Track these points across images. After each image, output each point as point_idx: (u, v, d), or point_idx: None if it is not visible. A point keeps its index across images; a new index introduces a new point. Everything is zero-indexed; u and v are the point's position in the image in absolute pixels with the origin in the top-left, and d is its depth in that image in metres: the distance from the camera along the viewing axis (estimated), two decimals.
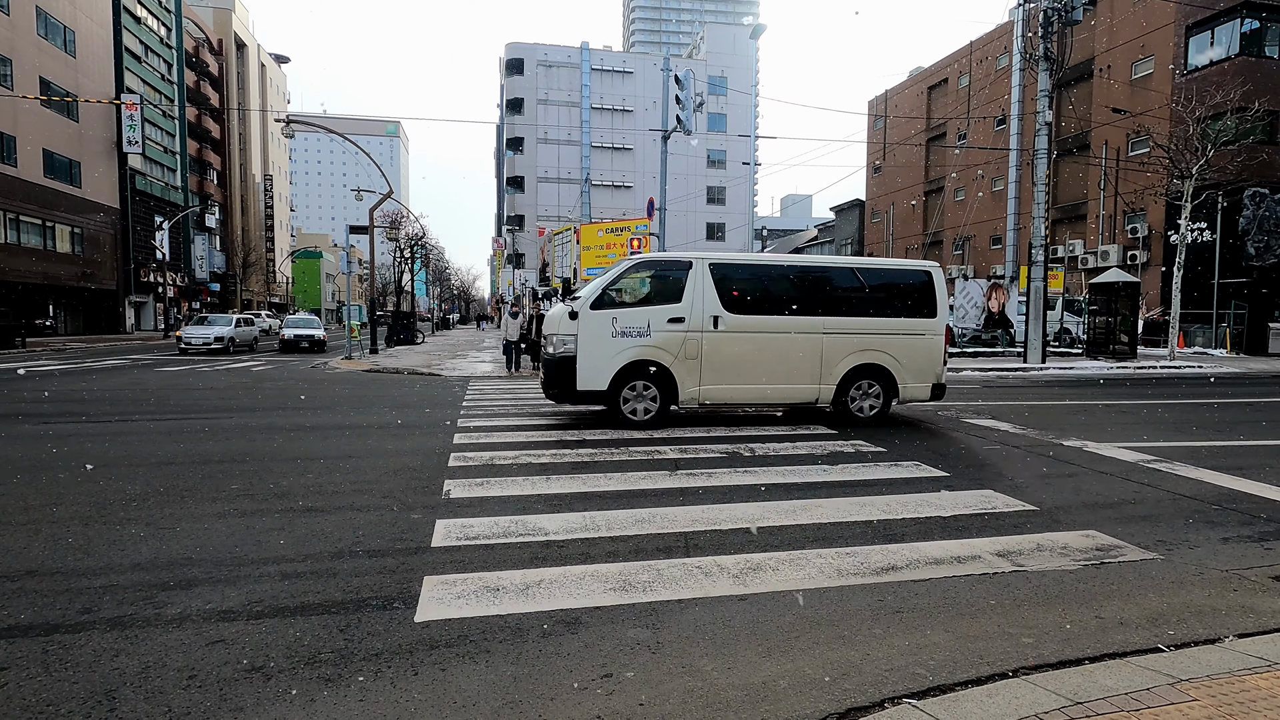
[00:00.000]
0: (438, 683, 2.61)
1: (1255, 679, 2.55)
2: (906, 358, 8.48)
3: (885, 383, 8.49)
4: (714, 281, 8.12)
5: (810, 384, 8.32)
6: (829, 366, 8.31)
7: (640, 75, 60.92)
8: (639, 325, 7.98)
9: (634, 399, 8.06)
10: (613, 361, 7.94)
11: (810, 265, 9.09)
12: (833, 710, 2.44)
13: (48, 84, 33.55)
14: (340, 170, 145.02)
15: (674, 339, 8.00)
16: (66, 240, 35.64)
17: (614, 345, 7.95)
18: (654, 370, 8.00)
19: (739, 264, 8.62)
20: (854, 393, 8.45)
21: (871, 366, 8.42)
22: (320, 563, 3.78)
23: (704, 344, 8.04)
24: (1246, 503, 5.09)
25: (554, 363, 8.03)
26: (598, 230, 23.35)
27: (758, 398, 8.38)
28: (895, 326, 8.52)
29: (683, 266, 8.19)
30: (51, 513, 4.65)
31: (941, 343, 8.65)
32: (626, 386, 8.02)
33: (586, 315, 7.97)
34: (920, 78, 47.75)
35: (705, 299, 8.06)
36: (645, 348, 7.98)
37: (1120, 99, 30.44)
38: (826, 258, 8.87)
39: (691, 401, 8.16)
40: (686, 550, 4.00)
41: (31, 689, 2.54)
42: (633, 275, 8.36)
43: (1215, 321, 23.88)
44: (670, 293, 8.14)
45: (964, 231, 40.73)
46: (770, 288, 8.50)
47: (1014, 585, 3.56)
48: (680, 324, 8.01)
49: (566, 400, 8.20)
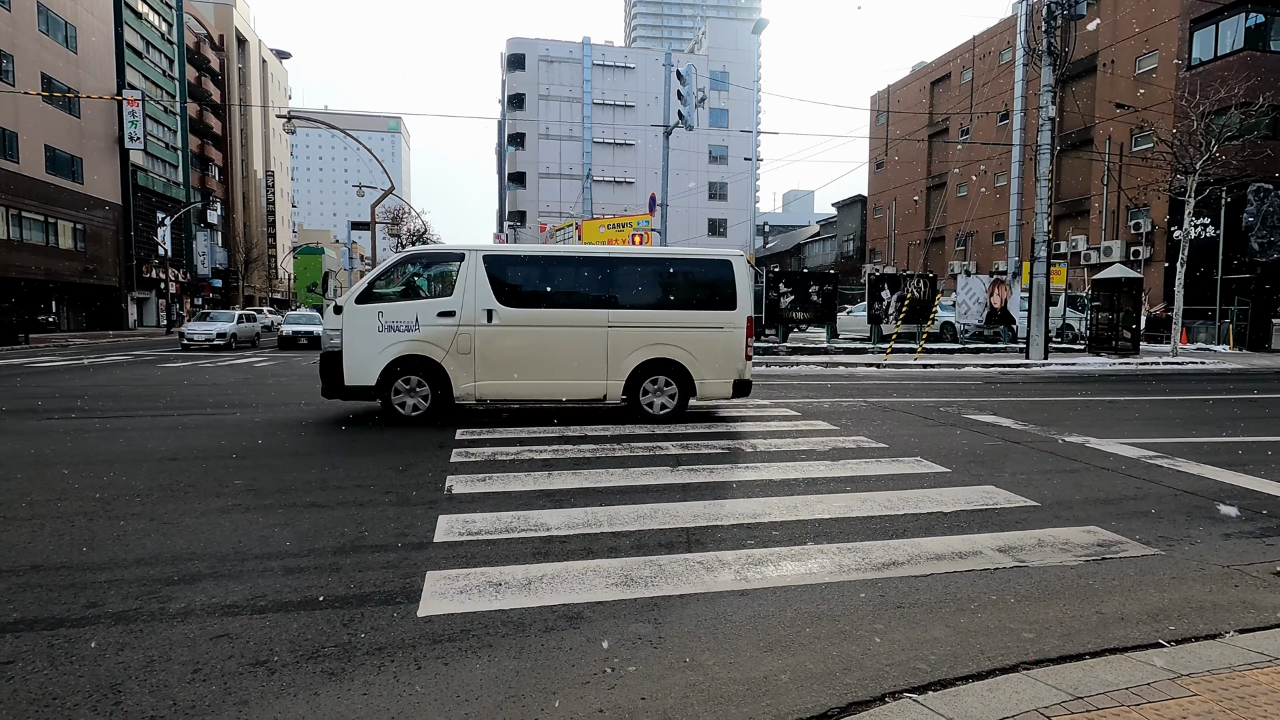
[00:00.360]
0: (441, 676, 2.62)
1: (1256, 674, 2.55)
2: (703, 352, 8.10)
3: (681, 378, 8.15)
4: (488, 274, 7.91)
5: (596, 380, 8.03)
6: (616, 361, 7.98)
7: (642, 70, 60.77)
8: (407, 319, 7.81)
9: (405, 394, 7.92)
10: (380, 357, 7.78)
11: (594, 255, 8.70)
12: (834, 704, 2.45)
13: (49, 80, 33.53)
14: (342, 166, 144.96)
15: (445, 333, 7.82)
16: (69, 236, 35.68)
17: (381, 340, 7.78)
18: (426, 365, 7.85)
19: (516, 255, 8.50)
20: (647, 387, 8.15)
21: (664, 361, 8.09)
22: (323, 558, 3.79)
23: (477, 338, 7.83)
24: (1248, 498, 5.09)
25: (322, 358, 7.92)
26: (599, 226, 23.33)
27: (540, 393, 8.15)
28: (690, 319, 8.15)
29: (455, 258, 8.06)
30: (56, 508, 4.67)
31: (742, 336, 8.18)
32: (401, 379, 7.86)
33: (351, 310, 7.83)
34: (923, 73, 47.60)
35: (478, 292, 7.86)
36: (414, 342, 7.81)
37: (1124, 94, 30.33)
38: (614, 246, 8.62)
39: (468, 397, 7.98)
40: (688, 545, 4.01)
41: (38, 682, 2.56)
42: (403, 268, 8.25)
43: (1219, 317, 23.82)
44: (441, 286, 8.06)
45: (966, 227, 40.65)
46: (550, 279, 8.26)
47: (1015, 581, 3.57)
48: (451, 318, 7.83)
49: (336, 396, 7.95)
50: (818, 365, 16.56)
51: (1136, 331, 19.50)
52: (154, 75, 46.03)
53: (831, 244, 60.65)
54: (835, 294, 21.32)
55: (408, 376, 7.89)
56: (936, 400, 10.42)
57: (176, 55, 49.36)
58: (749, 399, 10.39)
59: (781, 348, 19.86)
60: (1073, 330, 24.23)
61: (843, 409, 9.41)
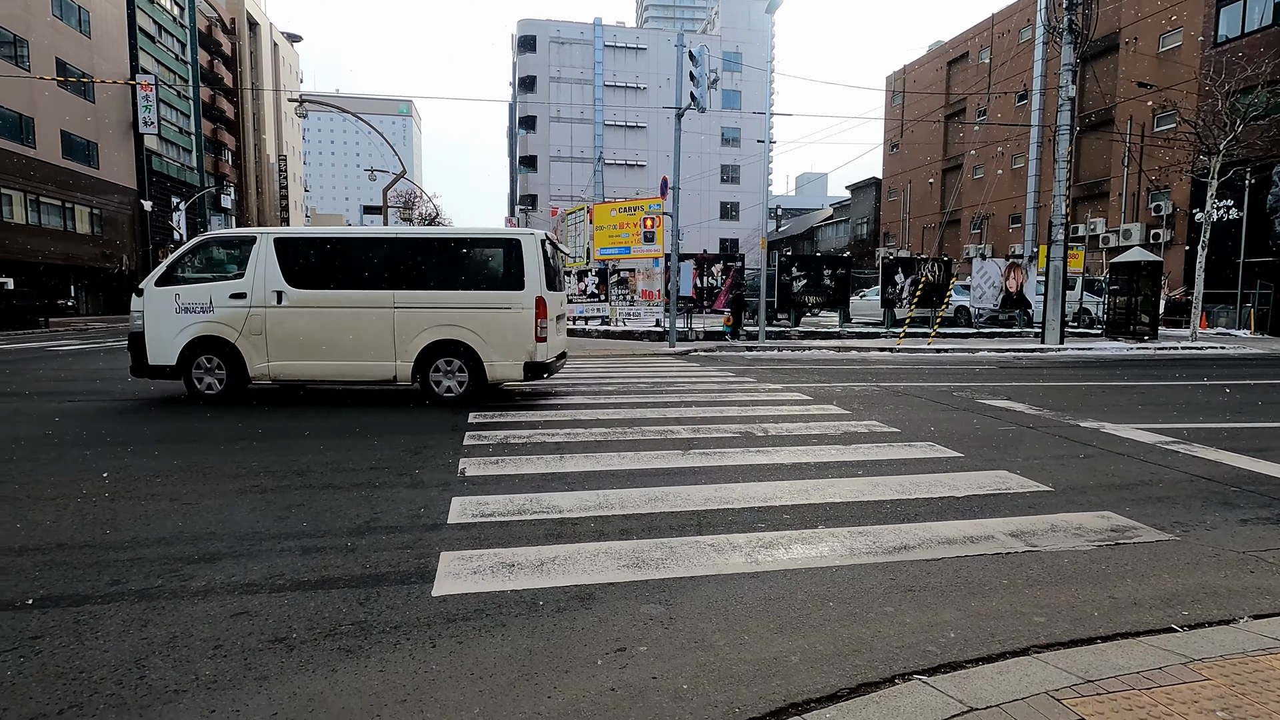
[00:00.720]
0: (455, 655, 2.67)
1: (1270, 659, 2.54)
2: (491, 334, 8.02)
3: (472, 360, 8.09)
4: (278, 256, 8.08)
5: (386, 361, 8.06)
6: (404, 343, 8.01)
7: (654, 52, 60.13)
8: (201, 301, 8.10)
9: (204, 374, 8.24)
10: (178, 338, 8.12)
11: (382, 236, 8.62)
12: (843, 685, 2.47)
13: (64, 65, 33.69)
14: (354, 150, 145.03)
15: (237, 315, 8.07)
16: (86, 221, 36.03)
17: (178, 321, 8.10)
18: (222, 346, 8.13)
19: (305, 238, 8.57)
20: (439, 367, 8.13)
21: (452, 343, 8.06)
22: (339, 538, 3.85)
23: (268, 320, 8.04)
24: (1266, 484, 5.03)
25: (130, 338, 8.29)
26: (611, 210, 23.20)
27: (331, 374, 8.26)
28: (477, 300, 8.08)
29: (247, 241, 8.26)
30: (78, 488, 4.77)
31: (531, 317, 8.02)
32: (204, 357, 8.17)
33: (151, 292, 8.16)
34: (940, 52, 46.75)
35: (267, 274, 8.05)
36: (209, 324, 8.09)
37: (1147, 73, 29.66)
38: (402, 228, 8.67)
39: (263, 378, 8.23)
40: (699, 528, 4.03)
41: (65, 656, 2.63)
42: (199, 252, 8.48)
43: (1239, 302, 23.42)
44: (235, 269, 8.28)
45: (982, 210, 40.10)
46: (339, 261, 8.32)
47: (1027, 565, 3.56)
48: (243, 300, 8.07)
49: (144, 375, 8.30)
50: (830, 349, 16.49)
51: (1155, 316, 19.23)
52: (167, 59, 46.12)
53: (845, 227, 60.08)
54: (848, 278, 21.16)
55: (207, 356, 8.21)
56: (950, 385, 10.36)
57: (188, 39, 49.39)
58: (761, 381, 10.38)
59: (794, 332, 19.78)
60: (1089, 314, 23.93)
61: (855, 393, 9.38)
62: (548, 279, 8.32)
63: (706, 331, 20.03)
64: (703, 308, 21.09)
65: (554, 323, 8.49)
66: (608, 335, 20.74)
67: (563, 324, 9.37)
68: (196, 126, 50.69)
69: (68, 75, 33.71)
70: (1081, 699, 2.28)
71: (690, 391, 9.46)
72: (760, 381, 10.61)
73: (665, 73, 56.13)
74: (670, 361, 14.11)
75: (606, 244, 22.68)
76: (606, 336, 20.63)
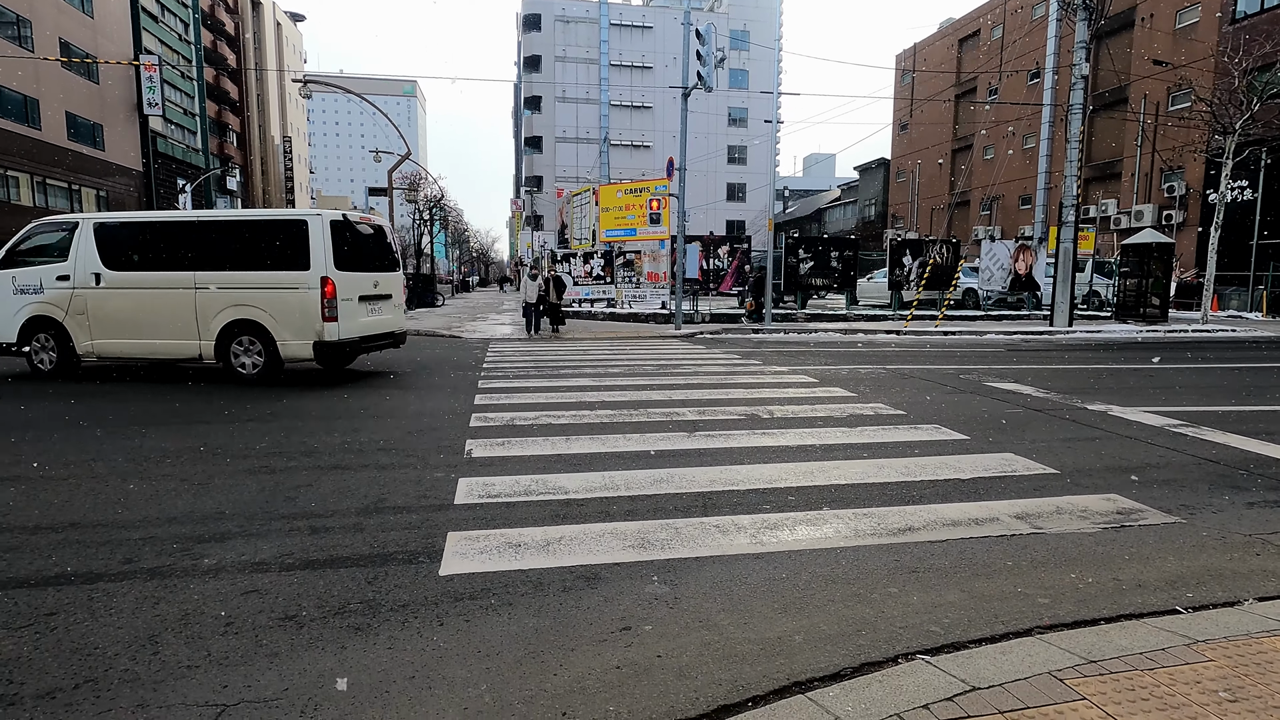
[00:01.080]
0: (462, 633, 2.70)
1: (1273, 641, 2.55)
2: (281, 313, 8.30)
3: (266, 339, 8.40)
4: (96, 240, 8.61)
5: (191, 339, 8.50)
6: (205, 322, 8.44)
7: (660, 30, 59.34)
8: (33, 283, 8.78)
9: (39, 351, 8.92)
10: (16, 317, 8.83)
11: (184, 220, 8.84)
12: (846, 664, 2.49)
13: (67, 45, 33.52)
14: (358, 131, 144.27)
15: (63, 296, 8.70)
16: (92, 203, 36.05)
17: (16, 302, 8.82)
18: (53, 325, 8.75)
19: (121, 222, 8.96)
20: (236, 348, 8.47)
21: (248, 322, 8.38)
22: (347, 518, 3.89)
23: (89, 300, 8.64)
24: (1274, 468, 5.01)
25: None
26: (617, 191, 23.04)
27: (146, 352, 8.74)
28: (267, 280, 8.35)
29: (71, 226, 8.80)
30: (91, 468, 4.82)
31: (318, 298, 8.18)
32: (40, 335, 8.82)
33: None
34: (951, 29, 45.97)
35: (87, 257, 8.61)
36: (40, 304, 8.75)
37: (1162, 50, 29.10)
38: (203, 211, 8.99)
39: (89, 355, 8.80)
40: (704, 510, 4.05)
41: (80, 633, 2.67)
42: (32, 236, 9.02)
43: (1252, 284, 23.17)
44: (60, 252, 8.79)
45: (992, 191, 39.65)
46: (149, 245, 8.69)
47: (1031, 547, 3.57)
48: (67, 282, 8.68)
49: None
50: (836, 332, 16.43)
51: (1165, 298, 19.05)
52: (170, 40, 45.83)
53: (853, 209, 59.57)
54: (855, 260, 21.01)
55: (43, 334, 8.86)
56: (957, 368, 10.32)
57: (191, 19, 49.02)
58: (767, 364, 10.37)
59: (800, 314, 19.71)
60: (1099, 297, 23.72)
61: (861, 376, 9.35)
62: (350, 259, 8.58)
63: (713, 314, 19.97)
64: (709, 290, 21.01)
65: (357, 303, 8.70)
66: (614, 318, 20.72)
67: (387, 305, 9.46)
68: (201, 107, 50.49)
69: (71, 56, 33.55)
70: (1084, 679, 2.29)
71: (696, 374, 9.46)
72: (766, 364, 10.59)
73: (672, 51, 55.41)
74: (676, 344, 14.09)
75: (612, 226, 22.57)
76: (613, 319, 20.61)
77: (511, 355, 11.93)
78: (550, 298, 16.45)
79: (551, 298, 16.49)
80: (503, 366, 10.35)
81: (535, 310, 16.19)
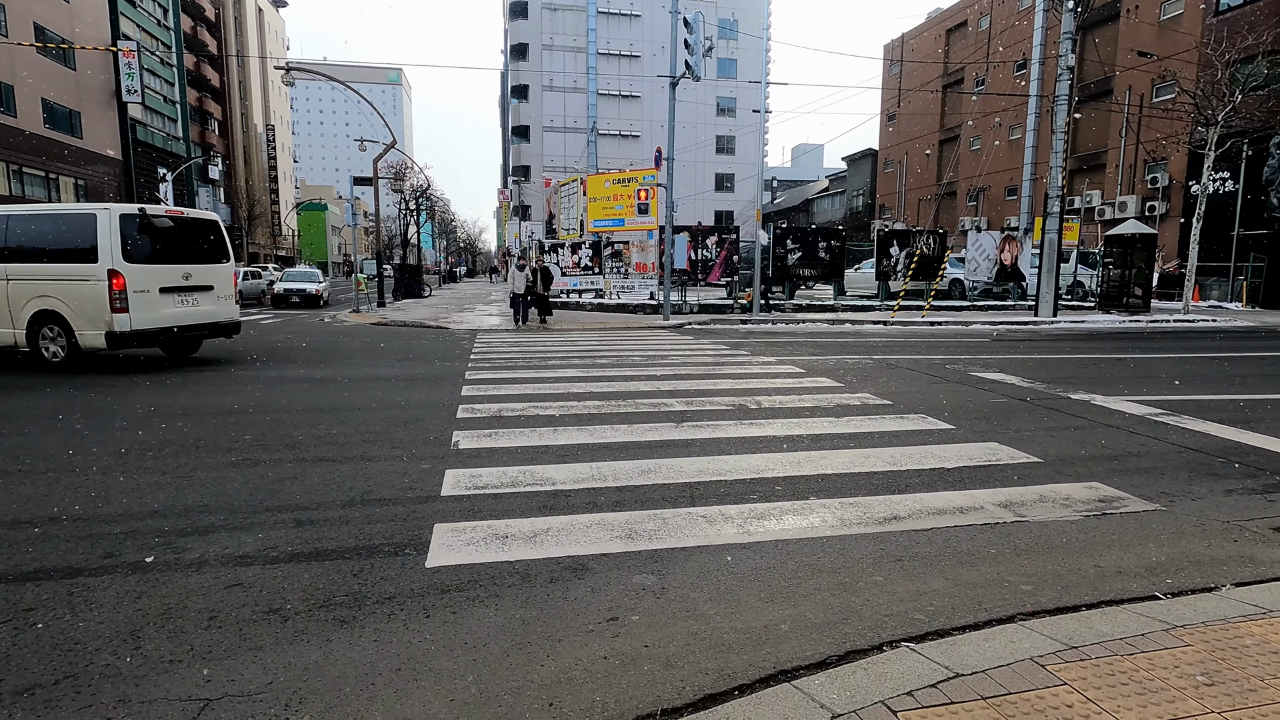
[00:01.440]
0: (449, 625, 2.69)
1: (1249, 626, 2.59)
2: (76, 304, 8.66)
3: (66, 329, 8.74)
4: None
5: (6, 329, 8.97)
6: (16, 312, 8.87)
7: (648, 19, 58.90)
8: None
9: None
10: None
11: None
12: (832, 653, 2.51)
13: (42, 30, 32.79)
14: (343, 120, 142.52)
15: None
16: (70, 192, 35.40)
17: None
18: None
19: None
20: (45, 334, 8.85)
21: (50, 313, 8.78)
22: (332, 510, 3.86)
23: None
24: (1252, 455, 5.09)
25: None
26: (605, 181, 22.91)
27: None
28: (63, 273, 8.71)
29: None
30: (70, 461, 4.75)
31: (105, 289, 8.52)
32: None
33: None
34: (939, 20, 46.00)
35: None
36: None
37: (1147, 42, 29.29)
38: (9, 207, 9.15)
39: None
40: (691, 500, 4.06)
41: (60, 628, 2.64)
42: None
43: (1233, 275, 23.48)
44: None
45: (979, 182, 39.85)
46: None
47: (1015, 535, 3.61)
48: None
49: None
50: (824, 322, 16.49)
51: (1148, 289, 19.27)
52: (148, 25, 44.94)
53: (841, 199, 59.67)
54: (843, 250, 21.07)
55: None
56: (943, 358, 10.40)
57: (170, 4, 48.08)
58: (755, 354, 10.39)
59: (788, 305, 19.75)
60: (1084, 287, 23.95)
61: (848, 366, 9.40)
62: (149, 252, 8.88)
63: (701, 304, 19.96)
64: (697, 280, 21.00)
65: (158, 295, 8.95)
66: (602, 308, 20.67)
67: (206, 296, 9.67)
68: (181, 95, 49.61)
69: (46, 41, 32.83)
70: (1065, 665, 2.32)
71: (684, 364, 9.46)
72: (754, 354, 10.62)
73: (660, 40, 55.06)
74: (664, 334, 14.09)
75: (600, 216, 22.47)
76: (600, 310, 20.56)
77: (499, 346, 11.87)
78: (538, 288, 16.38)
79: (539, 288, 16.42)
80: (490, 358, 10.31)
81: (523, 301, 16.12)
